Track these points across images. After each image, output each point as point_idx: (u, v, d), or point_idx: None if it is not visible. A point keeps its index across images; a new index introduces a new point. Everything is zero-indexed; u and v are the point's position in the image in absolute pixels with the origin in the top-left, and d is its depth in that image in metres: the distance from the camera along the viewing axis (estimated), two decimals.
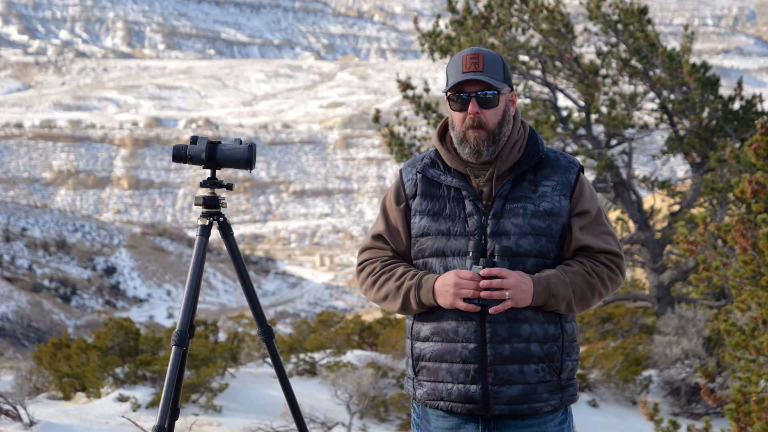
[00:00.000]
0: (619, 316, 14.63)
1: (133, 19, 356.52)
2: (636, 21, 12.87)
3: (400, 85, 13.42)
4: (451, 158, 3.16)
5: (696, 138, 12.95)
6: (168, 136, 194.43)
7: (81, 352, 10.64)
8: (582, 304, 3.09)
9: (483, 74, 3.05)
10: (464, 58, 3.08)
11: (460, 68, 3.08)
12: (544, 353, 3.08)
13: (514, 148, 3.14)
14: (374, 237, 3.26)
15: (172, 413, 3.99)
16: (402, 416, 10.24)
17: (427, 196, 3.17)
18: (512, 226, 3.08)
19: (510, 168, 3.14)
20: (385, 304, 3.19)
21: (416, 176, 3.21)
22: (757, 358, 6.23)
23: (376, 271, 3.20)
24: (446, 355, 3.09)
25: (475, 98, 3.07)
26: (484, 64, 3.06)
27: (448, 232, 3.12)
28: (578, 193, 3.15)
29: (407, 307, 3.12)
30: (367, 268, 3.24)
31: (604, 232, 3.16)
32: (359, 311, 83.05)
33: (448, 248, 3.10)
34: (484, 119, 3.07)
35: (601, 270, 3.12)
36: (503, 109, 3.11)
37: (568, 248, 3.14)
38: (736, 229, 6.25)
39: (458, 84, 3.08)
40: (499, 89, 3.08)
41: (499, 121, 3.10)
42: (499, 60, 3.11)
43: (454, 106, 3.10)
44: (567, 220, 3.13)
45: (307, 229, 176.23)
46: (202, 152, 3.90)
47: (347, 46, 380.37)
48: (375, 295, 3.20)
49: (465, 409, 3.09)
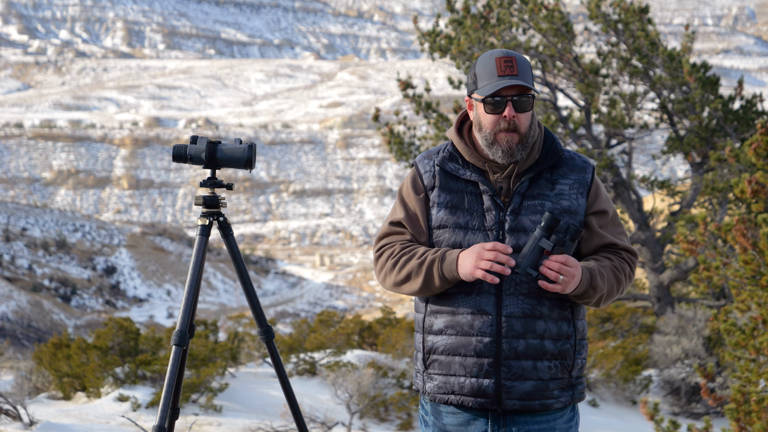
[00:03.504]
0: (619, 316, 14.63)
1: (133, 19, 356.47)
2: (637, 20, 12.87)
3: (401, 85, 13.42)
4: (470, 153, 3.18)
5: (696, 138, 12.94)
6: (168, 136, 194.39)
7: (81, 352, 10.64)
8: (608, 300, 3.15)
9: (519, 78, 3.07)
10: (498, 61, 3.08)
11: (494, 71, 3.08)
12: (558, 350, 3.10)
13: (533, 148, 3.17)
14: (392, 223, 3.26)
15: (172, 413, 3.99)
16: (402, 416, 10.24)
17: (446, 188, 3.18)
18: (530, 222, 3.10)
19: (529, 167, 3.17)
20: (406, 286, 3.15)
21: (434, 168, 3.22)
22: (757, 358, 6.23)
23: (395, 253, 3.19)
24: (460, 349, 3.10)
25: (511, 102, 3.08)
26: (518, 67, 3.08)
27: (466, 226, 3.13)
28: (594, 193, 3.20)
29: (429, 283, 3.09)
30: (386, 252, 3.22)
31: (621, 232, 3.24)
32: (359, 311, 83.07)
33: (466, 241, 3.12)
34: (518, 123, 3.10)
35: (625, 267, 3.18)
36: (533, 112, 3.15)
37: (589, 245, 3.19)
38: (736, 228, 6.25)
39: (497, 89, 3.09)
40: (535, 93, 3.12)
41: (530, 124, 3.14)
42: (529, 63, 3.14)
43: (488, 108, 3.10)
44: (583, 218, 3.17)
45: (307, 229, 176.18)
46: (202, 152, 3.89)
47: (347, 46, 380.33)
48: (396, 277, 3.16)
49: (476, 403, 3.10)
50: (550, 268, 2.97)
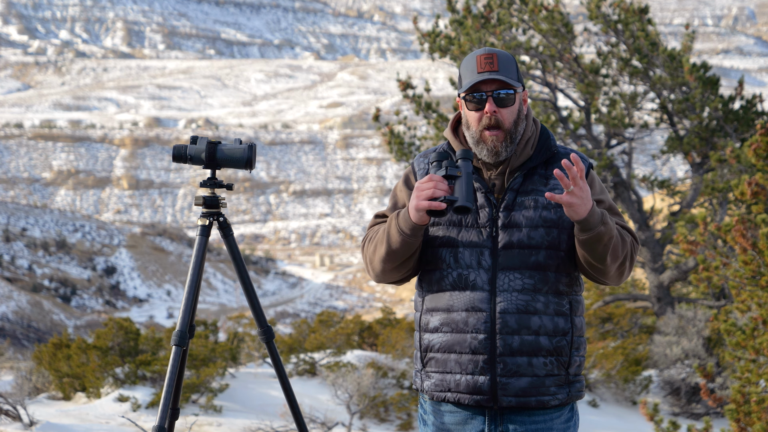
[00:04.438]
0: (619, 316, 14.63)
1: (133, 19, 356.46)
2: (637, 20, 12.86)
3: (401, 85, 13.42)
4: None
5: (696, 138, 12.94)
6: (168, 136, 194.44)
7: (81, 352, 10.63)
8: (614, 256, 3.04)
9: (498, 74, 3.07)
10: (478, 58, 3.10)
11: (474, 68, 3.10)
12: (553, 347, 3.09)
13: (527, 145, 3.17)
14: (377, 216, 3.30)
15: (172, 413, 3.99)
16: (402, 416, 10.24)
17: None
18: (523, 218, 3.10)
19: (522, 163, 3.17)
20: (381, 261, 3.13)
21: (428, 166, 3.23)
22: (757, 358, 6.22)
23: (370, 236, 3.22)
24: (455, 346, 3.11)
25: (491, 98, 3.09)
26: (498, 63, 3.09)
27: (459, 223, 3.14)
28: (589, 184, 3.17)
29: (391, 242, 3.06)
30: (365, 241, 3.25)
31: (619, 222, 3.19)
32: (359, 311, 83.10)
33: (459, 238, 3.12)
34: (500, 118, 3.10)
35: (627, 237, 3.12)
36: (518, 108, 3.14)
37: None
38: (736, 229, 6.25)
39: (474, 84, 3.10)
40: (515, 88, 3.11)
41: (515, 120, 3.13)
42: (512, 59, 3.14)
43: (470, 106, 3.12)
44: None
45: (307, 229, 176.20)
46: (202, 152, 3.90)
47: (347, 46, 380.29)
48: (372, 255, 3.17)
49: (473, 400, 3.11)
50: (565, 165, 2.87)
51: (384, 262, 3.13)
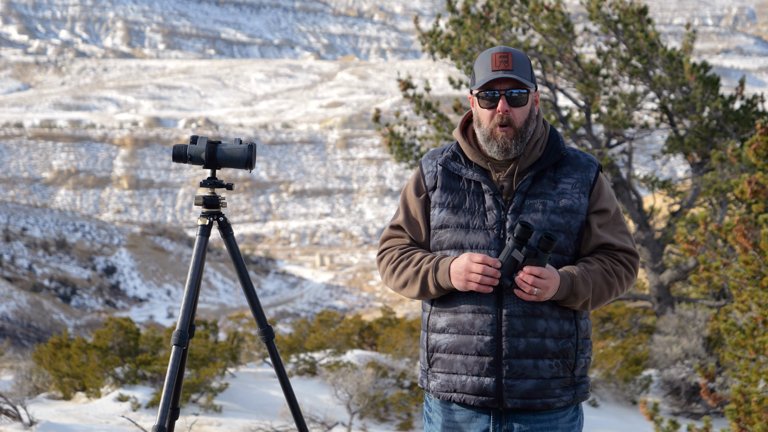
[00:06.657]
0: (619, 316, 14.62)
1: (133, 19, 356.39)
2: (636, 21, 12.86)
3: (401, 85, 13.42)
4: (473, 152, 3.19)
5: (696, 138, 12.94)
6: (168, 136, 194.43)
7: (81, 352, 10.63)
8: (598, 303, 3.14)
9: (513, 73, 3.08)
10: (494, 57, 3.11)
11: (489, 66, 3.10)
12: (559, 349, 3.11)
13: (536, 146, 3.17)
14: (393, 227, 3.31)
15: (172, 413, 3.99)
16: (402, 416, 10.23)
17: (447, 188, 3.20)
18: (531, 221, 3.11)
19: (531, 165, 3.17)
20: (405, 291, 3.21)
21: (437, 168, 3.24)
22: (757, 358, 6.22)
23: (394, 258, 3.24)
24: (461, 347, 3.12)
25: (504, 96, 3.10)
26: (513, 62, 3.10)
27: (467, 226, 3.15)
28: (597, 191, 3.19)
29: (426, 291, 3.15)
30: (386, 257, 3.27)
31: (622, 231, 3.22)
32: (359, 311, 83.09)
33: (467, 241, 3.13)
34: (512, 117, 3.11)
35: (619, 269, 3.16)
36: (530, 108, 3.15)
37: (586, 245, 3.18)
38: (736, 229, 6.24)
39: (488, 82, 3.11)
40: (528, 88, 3.12)
41: (526, 120, 3.13)
42: (527, 60, 3.15)
43: (483, 103, 3.13)
44: (585, 218, 3.17)
45: (307, 229, 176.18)
46: (202, 152, 3.90)
47: (347, 45, 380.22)
48: (395, 282, 3.23)
49: (478, 401, 3.12)
50: (524, 280, 3.01)
51: (411, 296, 3.22)
